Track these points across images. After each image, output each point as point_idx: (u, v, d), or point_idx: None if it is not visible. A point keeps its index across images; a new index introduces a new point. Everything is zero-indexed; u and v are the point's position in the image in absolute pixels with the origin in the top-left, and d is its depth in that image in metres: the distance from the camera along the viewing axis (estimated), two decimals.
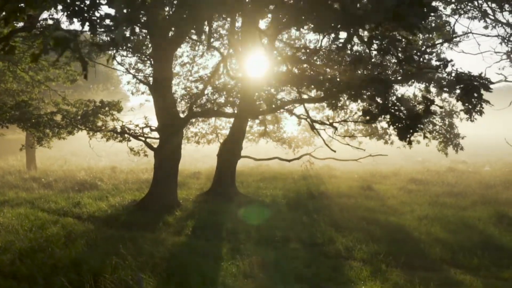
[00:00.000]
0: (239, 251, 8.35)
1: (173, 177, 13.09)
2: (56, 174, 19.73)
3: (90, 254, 7.64)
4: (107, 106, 14.10)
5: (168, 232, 10.40)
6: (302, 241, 9.50)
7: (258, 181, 18.89)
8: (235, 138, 15.50)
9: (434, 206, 13.60)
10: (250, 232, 10.08)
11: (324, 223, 11.11)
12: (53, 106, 15.49)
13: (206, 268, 6.98)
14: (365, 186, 17.50)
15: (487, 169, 23.09)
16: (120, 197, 14.36)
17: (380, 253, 8.51)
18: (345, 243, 9.18)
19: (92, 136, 14.91)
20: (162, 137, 12.76)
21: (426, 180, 18.93)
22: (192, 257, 7.72)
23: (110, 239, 9.08)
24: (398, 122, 3.12)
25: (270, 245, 9.15)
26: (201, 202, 14.00)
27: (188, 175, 21.33)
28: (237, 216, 11.90)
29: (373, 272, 7.48)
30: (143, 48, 14.21)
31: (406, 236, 9.83)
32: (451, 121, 15.52)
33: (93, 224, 10.97)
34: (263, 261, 7.69)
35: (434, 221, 11.36)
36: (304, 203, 14.05)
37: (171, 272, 6.98)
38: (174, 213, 11.99)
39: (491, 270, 7.75)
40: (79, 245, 8.60)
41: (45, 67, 14.98)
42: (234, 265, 7.39)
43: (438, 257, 8.39)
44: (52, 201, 13.54)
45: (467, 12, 14.65)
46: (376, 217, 11.97)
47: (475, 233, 10.14)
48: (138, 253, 7.83)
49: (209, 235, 9.97)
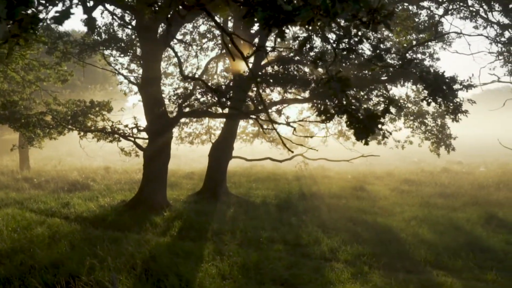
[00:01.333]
0: (222, 252, 8.30)
1: (162, 178, 13.05)
2: (49, 175, 19.70)
3: (70, 255, 7.59)
4: (97, 106, 14.07)
5: (154, 232, 10.35)
6: (287, 242, 9.44)
7: (251, 182, 18.85)
8: (226, 139, 15.47)
9: (425, 207, 13.55)
10: (236, 233, 10.03)
11: (311, 224, 11.06)
12: (44, 106, 15.47)
13: (184, 269, 6.94)
14: (357, 187, 17.45)
15: (482, 169, 23.01)
16: (110, 198, 14.32)
17: (364, 255, 8.46)
18: (330, 244, 9.12)
19: (83, 136, 14.88)
20: (151, 137, 12.72)
21: (419, 181, 18.87)
22: (173, 258, 7.67)
23: (94, 239, 9.03)
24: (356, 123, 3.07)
25: (254, 246, 9.10)
26: (191, 202, 13.96)
27: (182, 175, 21.30)
28: (224, 217, 11.87)
29: (354, 274, 7.42)
30: (134, 48, 14.18)
31: (392, 237, 9.77)
32: (444, 121, 15.43)
33: (80, 224, 10.92)
34: (244, 262, 7.64)
35: (422, 222, 11.31)
36: (295, 203, 14.01)
37: (149, 273, 6.95)
38: (162, 214, 11.94)
39: (474, 272, 7.69)
40: (61, 246, 8.56)
41: (36, 67, 14.94)
42: (214, 267, 7.34)
43: (423, 259, 8.33)
44: (41, 202, 13.51)
45: (460, 12, 14.59)
46: (364, 218, 11.92)
47: (462, 234, 10.08)
48: (119, 254, 7.80)
49: (195, 235, 9.92)
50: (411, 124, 16.28)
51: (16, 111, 13.15)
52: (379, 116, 3.11)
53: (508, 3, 12.40)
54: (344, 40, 3.87)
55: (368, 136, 3.19)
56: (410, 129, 16.44)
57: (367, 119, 3.06)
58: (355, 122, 3.11)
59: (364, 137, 3.17)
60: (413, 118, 15.49)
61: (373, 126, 3.07)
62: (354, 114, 3.08)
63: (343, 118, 3.23)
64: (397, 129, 17.17)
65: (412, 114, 15.69)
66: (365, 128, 3.06)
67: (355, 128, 3.12)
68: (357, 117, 3.08)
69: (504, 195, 14.97)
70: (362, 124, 3.07)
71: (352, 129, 3.19)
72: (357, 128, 3.11)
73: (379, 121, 3.12)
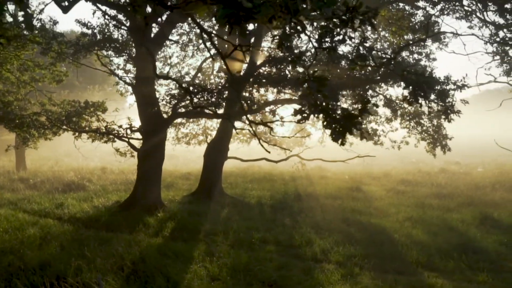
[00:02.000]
0: (213, 253, 8.25)
1: (156, 178, 13.01)
2: (45, 175, 19.67)
3: (59, 256, 7.55)
4: (92, 106, 14.04)
5: (146, 233, 10.30)
6: (279, 243, 9.40)
7: (247, 182, 18.81)
8: (221, 139, 15.44)
9: (420, 208, 13.50)
10: (228, 234, 9.98)
11: (305, 225, 11.01)
12: (39, 107, 15.44)
13: (172, 271, 6.89)
14: (353, 187, 17.41)
15: (480, 170, 22.93)
16: (104, 198, 14.29)
17: (356, 256, 8.41)
18: (322, 245, 9.07)
19: (78, 136, 14.85)
20: (145, 138, 12.69)
21: (416, 181, 18.81)
22: (163, 259, 7.63)
23: (85, 240, 8.99)
24: (333, 123, 3.02)
25: (246, 247, 9.05)
26: (185, 203, 13.92)
27: (178, 176, 21.28)
28: (218, 217, 11.82)
29: (345, 275, 7.37)
30: (129, 48, 14.14)
31: (385, 238, 9.72)
32: (440, 122, 15.37)
33: (72, 225, 10.89)
34: (234, 263, 7.60)
35: (416, 223, 11.26)
36: (290, 204, 13.96)
37: (138, 274, 6.91)
38: (156, 214, 11.90)
39: (466, 274, 7.63)
40: (52, 247, 8.52)
41: (31, 67, 14.91)
42: (204, 268, 7.30)
43: (414, 260, 8.27)
44: (35, 202, 13.49)
45: (455, 12, 14.53)
46: (359, 218, 11.87)
47: (455, 235, 10.03)
48: (108, 255, 7.75)
49: (187, 236, 9.88)
50: (407, 125, 16.24)
51: (10, 111, 13.12)
52: (356, 116, 3.06)
53: (504, 2, 12.35)
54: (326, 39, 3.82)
55: (344, 137, 3.14)
56: (406, 129, 16.40)
57: (343, 120, 3.02)
58: (331, 123, 3.07)
59: (340, 137, 3.12)
60: (409, 118, 15.45)
61: (350, 127, 3.03)
62: (330, 114, 3.03)
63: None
64: (393, 129, 17.13)
65: (409, 115, 15.65)
66: (341, 128, 3.02)
67: (332, 128, 3.07)
68: (333, 117, 3.04)
69: (500, 196, 14.91)
70: (339, 124, 3.03)
71: (328, 129, 3.14)
72: (334, 129, 3.06)
73: (356, 121, 3.07)
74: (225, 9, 2.11)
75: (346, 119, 3.01)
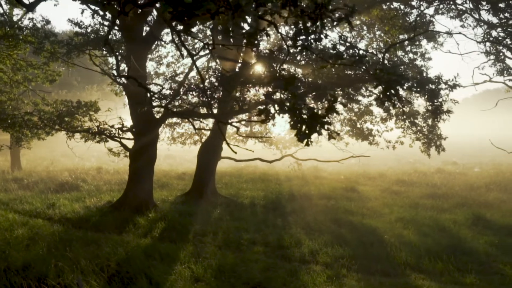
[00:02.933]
0: (200, 254, 8.19)
1: (148, 178, 12.94)
2: (39, 175, 19.63)
3: (44, 257, 7.49)
4: (84, 106, 13.99)
5: (136, 233, 10.24)
6: (268, 244, 9.33)
7: (242, 182, 18.75)
8: (215, 139, 15.36)
9: (413, 208, 13.42)
10: (218, 234, 9.93)
11: (296, 226, 10.95)
12: (33, 107, 15.39)
13: (156, 272, 6.83)
14: (349, 188, 17.34)
15: (477, 170, 22.83)
16: (97, 198, 14.23)
17: (344, 257, 8.34)
18: (311, 246, 9.00)
19: (71, 136, 14.80)
20: (136, 138, 12.63)
21: (412, 182, 18.73)
22: (148, 260, 7.57)
23: (73, 241, 8.93)
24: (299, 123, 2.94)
25: (234, 248, 9.00)
26: (178, 203, 13.86)
27: (174, 176, 21.23)
28: (209, 218, 11.76)
29: (331, 276, 7.29)
30: (121, 47, 14.10)
31: (375, 239, 9.64)
32: (435, 122, 15.27)
33: (62, 226, 10.83)
34: (220, 264, 7.53)
35: (408, 223, 11.18)
36: (283, 204, 13.90)
37: (121, 275, 6.85)
38: (147, 215, 11.84)
39: (454, 275, 7.55)
40: (38, 247, 8.46)
41: (23, 67, 14.86)
42: (188, 269, 7.23)
43: (403, 261, 8.20)
44: (27, 203, 13.42)
45: (450, 11, 14.45)
46: (351, 219, 11.80)
47: (446, 236, 9.95)
48: (94, 256, 7.69)
49: (176, 237, 9.82)
50: (402, 125, 16.16)
51: (2, 111, 13.08)
52: (322, 116, 2.98)
53: (497, 1, 12.26)
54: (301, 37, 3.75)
55: (309, 137, 3.07)
56: (401, 129, 16.32)
57: (309, 119, 2.94)
58: (298, 122, 3.00)
59: (305, 138, 3.04)
60: (403, 118, 15.36)
61: (316, 127, 2.96)
62: (296, 114, 2.96)
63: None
64: (388, 129, 17.05)
65: (403, 114, 15.56)
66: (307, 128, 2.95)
67: (297, 128, 3.00)
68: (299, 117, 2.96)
69: (494, 196, 14.82)
70: (305, 124, 2.95)
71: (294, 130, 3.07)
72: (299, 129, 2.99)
73: (323, 121, 2.99)
74: (165, 5, 2.05)
75: (312, 119, 2.94)
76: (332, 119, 19.66)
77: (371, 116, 17.14)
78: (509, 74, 13.23)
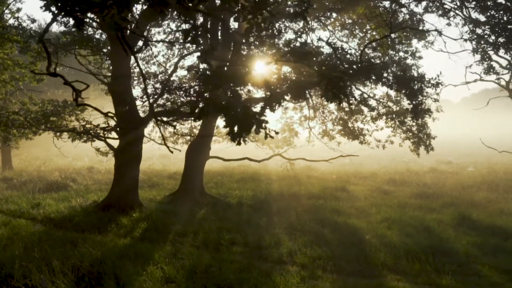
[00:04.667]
0: (176, 255, 8.11)
1: (134, 178, 12.88)
2: (30, 175, 19.59)
3: (17, 257, 7.42)
4: (71, 105, 13.93)
5: (117, 234, 10.18)
6: (247, 244, 9.24)
7: (233, 182, 18.66)
8: (203, 138, 15.30)
9: (402, 208, 13.30)
10: (198, 234, 9.85)
11: (279, 226, 10.85)
12: (20, 106, 15.36)
13: (126, 272, 6.76)
14: (339, 187, 17.22)
15: (471, 169, 22.67)
16: (83, 198, 14.17)
17: (322, 258, 8.25)
18: (290, 247, 8.91)
19: (59, 136, 14.77)
20: (121, 137, 12.56)
21: (403, 181, 18.61)
22: (122, 261, 7.50)
23: (51, 241, 8.88)
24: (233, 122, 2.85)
25: (213, 248, 8.92)
26: (165, 203, 13.80)
27: (165, 175, 21.18)
28: (193, 218, 11.68)
29: (306, 278, 7.20)
30: (106, 46, 14.02)
31: (356, 240, 9.53)
32: (424, 121, 15.16)
33: (44, 226, 10.79)
34: (194, 265, 7.46)
35: (393, 223, 11.07)
36: (270, 204, 13.80)
37: (92, 276, 6.78)
38: (132, 214, 11.78)
39: (431, 276, 7.44)
40: (15, 248, 8.41)
41: (10, 66, 14.82)
42: (160, 269, 7.16)
43: (381, 262, 8.09)
44: (12, 202, 13.38)
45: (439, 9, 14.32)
46: (336, 219, 11.69)
47: (429, 236, 9.84)
48: (67, 256, 7.63)
49: (157, 237, 9.75)
50: (392, 124, 16.06)
51: None
52: (254, 114, 2.90)
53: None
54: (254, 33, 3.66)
55: (241, 136, 2.98)
56: (391, 128, 16.22)
57: (244, 118, 2.86)
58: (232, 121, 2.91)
59: (237, 137, 2.96)
60: (392, 117, 15.26)
61: (251, 126, 2.87)
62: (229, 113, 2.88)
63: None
64: (378, 128, 16.95)
65: (392, 113, 15.46)
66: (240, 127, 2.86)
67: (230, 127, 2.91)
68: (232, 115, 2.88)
69: (483, 196, 14.69)
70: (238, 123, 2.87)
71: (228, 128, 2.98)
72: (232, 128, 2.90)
73: (260, 120, 2.91)
74: None
75: (246, 118, 2.85)
76: (323, 119, 19.53)
77: (362, 115, 17.06)
78: (495, 73, 13.11)
